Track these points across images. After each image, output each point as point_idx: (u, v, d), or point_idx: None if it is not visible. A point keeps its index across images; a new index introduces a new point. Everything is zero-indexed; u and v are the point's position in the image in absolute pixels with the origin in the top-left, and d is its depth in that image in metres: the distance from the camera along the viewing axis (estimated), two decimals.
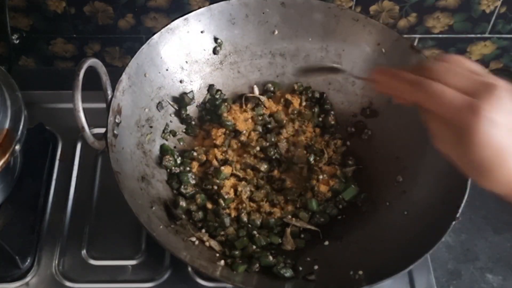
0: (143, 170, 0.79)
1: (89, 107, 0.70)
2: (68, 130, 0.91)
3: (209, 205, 0.80)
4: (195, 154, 0.83)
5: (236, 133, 0.85)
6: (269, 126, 0.86)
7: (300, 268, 0.75)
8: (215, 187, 0.80)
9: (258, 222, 0.79)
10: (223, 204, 0.79)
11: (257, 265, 0.74)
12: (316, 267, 0.75)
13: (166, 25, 0.83)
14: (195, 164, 0.83)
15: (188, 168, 0.82)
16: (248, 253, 0.75)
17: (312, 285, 0.73)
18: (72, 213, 0.84)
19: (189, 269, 0.79)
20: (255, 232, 0.77)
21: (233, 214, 0.79)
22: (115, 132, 0.74)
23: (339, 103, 0.89)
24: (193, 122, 0.86)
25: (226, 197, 0.79)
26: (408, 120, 0.83)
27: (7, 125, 0.75)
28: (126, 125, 0.77)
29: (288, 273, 0.73)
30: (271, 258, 0.75)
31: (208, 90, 0.88)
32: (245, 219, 0.79)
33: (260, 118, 0.86)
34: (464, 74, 0.51)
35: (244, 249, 0.76)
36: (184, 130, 0.86)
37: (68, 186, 0.87)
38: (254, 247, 0.76)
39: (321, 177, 0.82)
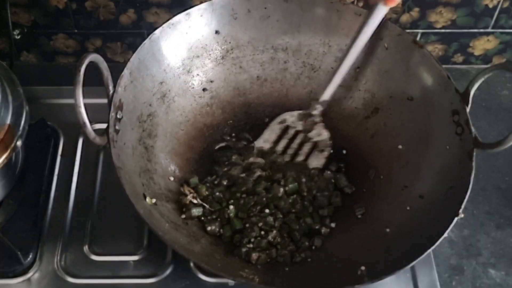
0: (145, 166, 0.79)
1: (90, 103, 0.69)
2: (69, 125, 0.91)
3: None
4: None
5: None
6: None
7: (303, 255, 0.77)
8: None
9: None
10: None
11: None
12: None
13: (168, 20, 0.83)
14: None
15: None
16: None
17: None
18: (74, 209, 0.84)
19: (191, 264, 0.79)
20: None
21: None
22: (116, 127, 0.74)
23: (341, 98, 0.89)
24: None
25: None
26: (410, 116, 0.83)
27: (8, 121, 0.75)
28: (127, 120, 0.77)
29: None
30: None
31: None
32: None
33: None
34: None
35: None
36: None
37: (70, 181, 0.87)
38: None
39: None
